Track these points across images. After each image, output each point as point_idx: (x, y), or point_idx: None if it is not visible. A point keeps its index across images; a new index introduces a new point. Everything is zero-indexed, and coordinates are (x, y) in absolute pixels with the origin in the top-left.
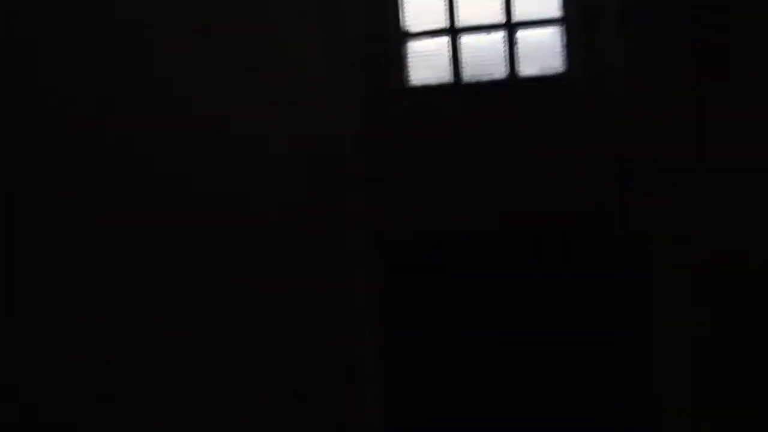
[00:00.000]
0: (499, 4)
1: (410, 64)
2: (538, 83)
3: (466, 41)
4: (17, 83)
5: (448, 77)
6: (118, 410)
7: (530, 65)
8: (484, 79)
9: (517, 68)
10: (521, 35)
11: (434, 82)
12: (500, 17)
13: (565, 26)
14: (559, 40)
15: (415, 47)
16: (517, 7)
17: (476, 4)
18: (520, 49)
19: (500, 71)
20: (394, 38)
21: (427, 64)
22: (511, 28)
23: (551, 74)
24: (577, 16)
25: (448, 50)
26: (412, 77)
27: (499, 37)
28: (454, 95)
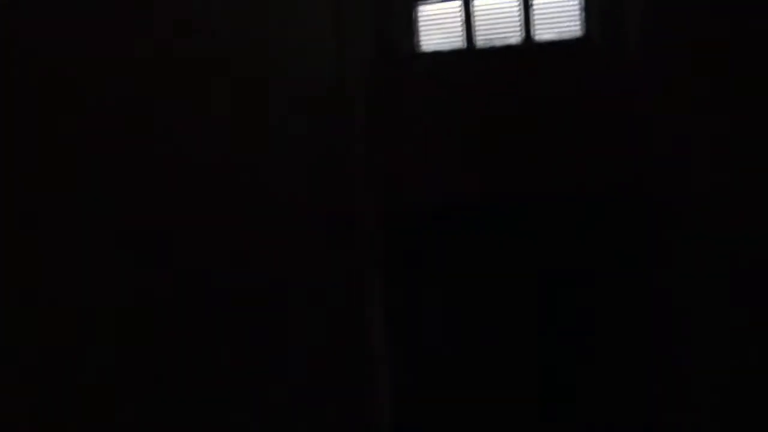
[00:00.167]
0: None
1: (421, 28)
2: (555, 48)
3: (479, 4)
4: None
5: (460, 42)
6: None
7: (547, 30)
8: (498, 44)
9: (533, 33)
10: None
11: (446, 47)
12: None
13: None
14: (577, 3)
15: (425, 11)
16: None
17: None
18: (536, 12)
19: (515, 36)
20: (403, 1)
21: (438, 28)
22: None
23: (569, 39)
24: None
25: (460, 14)
26: (422, 42)
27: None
28: (466, 61)
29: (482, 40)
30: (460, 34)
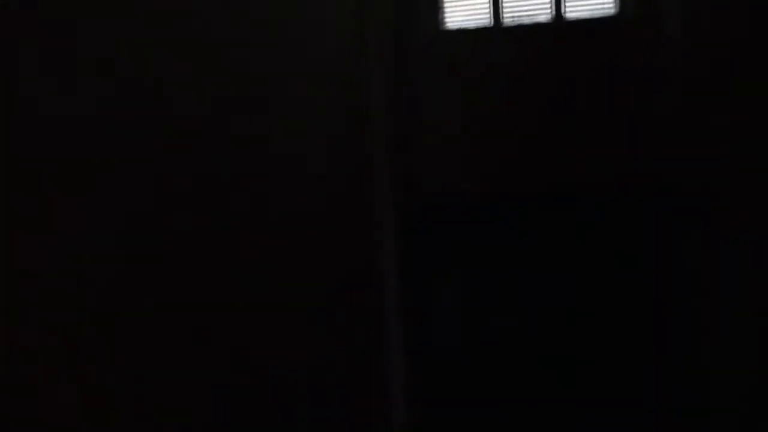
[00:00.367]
0: None
1: (445, 5)
2: (586, 26)
3: None
4: None
5: (487, 20)
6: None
7: (578, 6)
8: (526, 21)
9: (563, 10)
10: None
11: (472, 25)
12: None
13: None
14: None
15: None
16: None
17: None
18: None
19: (545, 13)
20: None
21: (463, 5)
22: None
23: (601, 16)
24: None
25: None
26: (447, 20)
27: None
28: (493, 40)
29: (510, 18)
30: (486, 11)
